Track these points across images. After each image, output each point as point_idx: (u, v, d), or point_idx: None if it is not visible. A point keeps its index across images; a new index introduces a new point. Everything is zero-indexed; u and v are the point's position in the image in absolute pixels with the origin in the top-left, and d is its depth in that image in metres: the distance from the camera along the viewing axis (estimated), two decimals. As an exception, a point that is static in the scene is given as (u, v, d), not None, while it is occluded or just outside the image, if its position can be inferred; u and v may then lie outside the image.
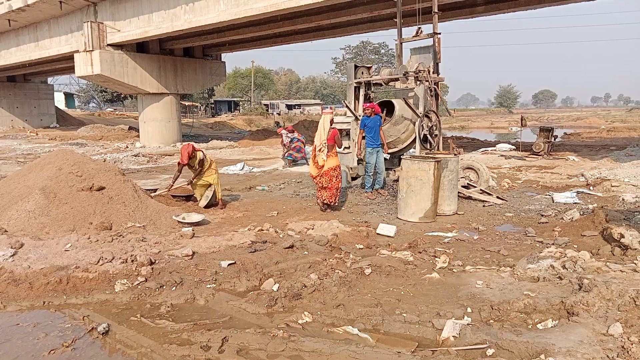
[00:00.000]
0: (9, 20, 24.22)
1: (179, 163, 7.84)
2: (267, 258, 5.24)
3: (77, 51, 21.23)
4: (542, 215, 7.23)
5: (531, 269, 4.63)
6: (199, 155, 7.80)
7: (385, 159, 9.07)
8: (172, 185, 8.20)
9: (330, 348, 3.35)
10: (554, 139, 15.77)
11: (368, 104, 8.62)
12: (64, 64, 28.47)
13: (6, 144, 23.59)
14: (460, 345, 3.35)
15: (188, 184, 8.18)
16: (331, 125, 7.73)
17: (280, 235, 6.18)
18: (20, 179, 6.98)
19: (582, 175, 10.72)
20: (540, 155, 14.74)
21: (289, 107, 62.25)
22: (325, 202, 7.68)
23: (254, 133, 26.97)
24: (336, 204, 7.78)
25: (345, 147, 9.13)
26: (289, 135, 14.11)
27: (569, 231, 6.24)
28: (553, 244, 5.68)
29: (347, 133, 9.45)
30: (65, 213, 6.12)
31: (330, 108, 8.67)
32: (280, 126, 17.16)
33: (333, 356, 3.27)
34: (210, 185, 7.93)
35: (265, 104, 60.06)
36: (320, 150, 7.56)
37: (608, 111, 77.13)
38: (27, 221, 5.90)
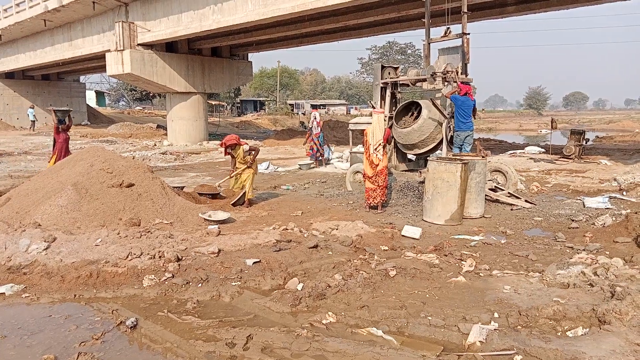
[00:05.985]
0: (44, 20, 25.00)
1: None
2: (292, 257, 5.26)
3: (109, 50, 21.74)
4: (573, 220, 7.04)
5: (561, 275, 4.52)
6: (243, 148, 8.20)
7: (410, 160, 8.97)
8: (232, 173, 8.45)
9: (354, 349, 3.34)
10: (586, 142, 15.32)
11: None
12: (96, 62, 29.22)
13: (40, 140, 24.31)
14: (486, 351, 3.30)
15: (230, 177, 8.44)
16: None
17: (305, 235, 6.19)
18: (53, 175, 7.19)
19: (615, 179, 10.39)
20: (571, 158, 14.35)
21: (314, 107, 62.30)
22: (378, 201, 7.79)
23: (279, 133, 27.10)
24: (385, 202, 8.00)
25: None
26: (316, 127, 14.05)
27: (600, 237, 6.07)
28: (584, 249, 5.53)
29: None
30: (95, 208, 6.28)
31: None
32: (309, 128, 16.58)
33: (357, 357, 3.26)
34: (243, 186, 8.20)
35: (290, 104, 60.27)
36: (376, 149, 7.73)
37: (643, 114, 74.62)
38: (60, 216, 6.08)
